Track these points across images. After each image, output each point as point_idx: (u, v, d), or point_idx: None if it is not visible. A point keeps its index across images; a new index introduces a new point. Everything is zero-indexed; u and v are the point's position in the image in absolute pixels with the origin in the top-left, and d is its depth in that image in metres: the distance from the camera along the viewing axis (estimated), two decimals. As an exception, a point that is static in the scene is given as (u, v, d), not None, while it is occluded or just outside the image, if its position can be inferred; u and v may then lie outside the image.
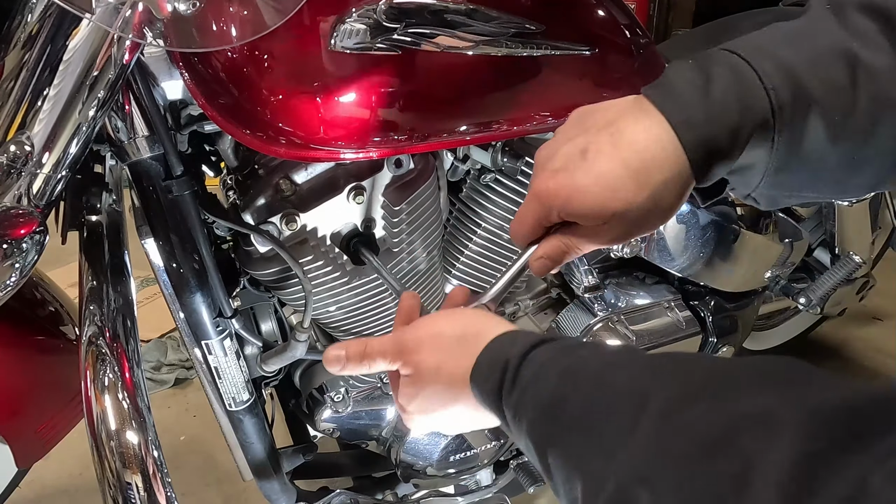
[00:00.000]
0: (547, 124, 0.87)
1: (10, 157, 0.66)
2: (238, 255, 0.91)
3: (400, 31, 0.71)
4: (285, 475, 1.04)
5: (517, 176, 0.95)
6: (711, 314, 1.27)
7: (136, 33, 0.60)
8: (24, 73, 0.64)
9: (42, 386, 1.06)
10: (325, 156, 0.76)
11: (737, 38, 0.51)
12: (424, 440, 1.07)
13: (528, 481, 1.24)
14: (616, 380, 0.41)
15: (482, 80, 0.81)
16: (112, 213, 0.92)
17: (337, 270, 0.88)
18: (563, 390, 0.43)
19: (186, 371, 2.00)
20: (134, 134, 0.77)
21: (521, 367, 0.47)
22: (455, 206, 1.01)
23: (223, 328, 0.88)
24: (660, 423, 0.35)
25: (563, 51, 0.83)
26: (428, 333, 0.56)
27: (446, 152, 0.96)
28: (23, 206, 0.68)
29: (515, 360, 0.48)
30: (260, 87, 0.73)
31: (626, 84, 0.91)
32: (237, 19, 0.63)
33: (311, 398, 1.07)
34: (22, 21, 0.63)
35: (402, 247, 0.91)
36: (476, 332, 0.53)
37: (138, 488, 0.76)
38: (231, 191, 0.90)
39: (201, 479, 1.64)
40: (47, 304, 1.08)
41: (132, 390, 0.79)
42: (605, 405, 0.40)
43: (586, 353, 0.46)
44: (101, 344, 0.80)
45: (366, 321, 0.96)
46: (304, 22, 0.72)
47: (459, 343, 0.53)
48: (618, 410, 0.39)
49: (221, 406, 0.94)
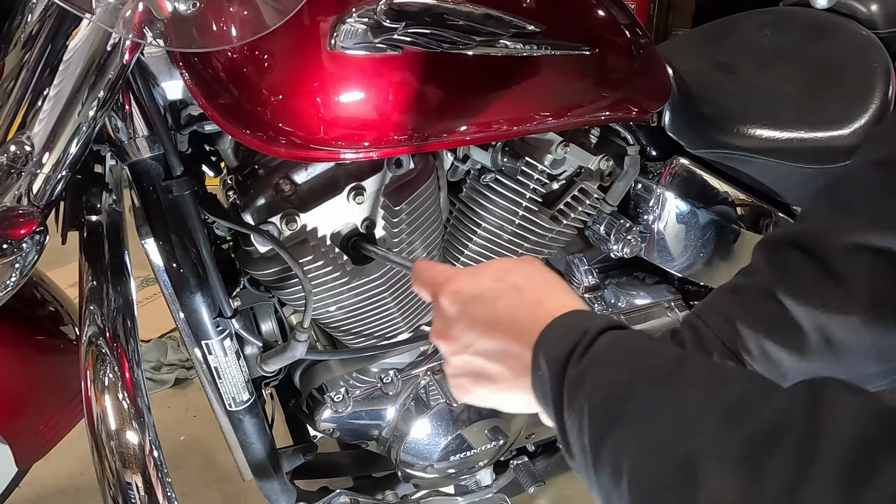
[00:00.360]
0: (547, 124, 0.87)
1: (10, 157, 0.66)
2: (238, 255, 0.91)
3: (400, 31, 0.71)
4: (285, 475, 1.04)
5: (517, 176, 0.95)
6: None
7: (136, 33, 0.60)
8: (24, 73, 0.64)
9: (42, 386, 1.06)
10: (325, 156, 0.76)
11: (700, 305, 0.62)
12: (424, 440, 1.07)
13: (528, 481, 1.24)
14: (694, 363, 0.42)
15: (482, 80, 0.81)
16: (112, 213, 0.92)
17: (337, 270, 0.88)
18: (636, 362, 0.44)
19: (186, 371, 2.00)
20: (134, 134, 0.77)
21: (596, 341, 0.46)
22: (455, 206, 1.01)
23: (223, 328, 0.88)
24: (736, 405, 0.37)
25: (563, 51, 0.83)
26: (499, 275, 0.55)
27: (446, 152, 0.96)
28: (23, 206, 0.68)
29: (594, 332, 0.46)
30: (260, 87, 0.73)
31: (626, 84, 0.91)
32: (237, 19, 0.63)
33: (311, 398, 1.07)
34: (22, 21, 0.63)
35: (402, 247, 0.91)
36: (549, 297, 0.52)
37: (138, 488, 0.76)
38: (231, 191, 0.90)
39: (201, 479, 1.65)
40: (47, 304, 1.08)
41: (132, 390, 0.79)
42: (681, 382, 0.40)
43: (664, 344, 0.47)
44: (101, 344, 0.80)
45: (366, 321, 0.96)
46: (304, 22, 0.72)
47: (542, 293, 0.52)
48: (695, 388, 0.39)
49: (221, 406, 0.94)
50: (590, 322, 0.48)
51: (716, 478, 0.34)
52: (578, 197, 1.00)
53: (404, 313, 0.98)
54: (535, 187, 0.95)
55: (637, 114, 0.93)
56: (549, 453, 1.37)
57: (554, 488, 1.60)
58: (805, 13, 1.25)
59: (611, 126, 1.04)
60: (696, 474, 0.34)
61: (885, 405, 0.32)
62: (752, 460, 0.33)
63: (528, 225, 0.97)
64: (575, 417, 0.44)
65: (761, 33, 1.24)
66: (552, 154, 0.94)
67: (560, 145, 0.94)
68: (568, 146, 0.94)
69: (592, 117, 0.90)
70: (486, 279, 0.54)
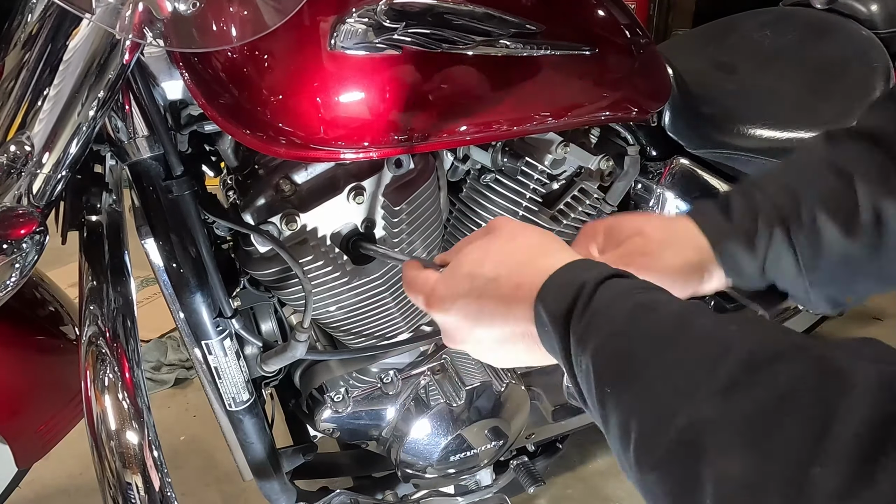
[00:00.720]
0: (547, 124, 0.87)
1: (10, 157, 0.65)
2: (238, 255, 0.91)
3: (400, 31, 0.71)
4: (285, 475, 1.04)
5: (517, 176, 0.95)
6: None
7: (136, 33, 0.60)
8: (24, 73, 0.64)
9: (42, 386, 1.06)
10: (325, 156, 0.76)
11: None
12: (424, 440, 1.07)
13: (528, 481, 1.24)
14: (696, 323, 0.40)
15: (482, 80, 0.81)
16: (112, 213, 0.92)
17: (337, 270, 0.88)
18: (638, 322, 0.42)
19: (186, 371, 2.00)
20: (134, 134, 0.77)
21: (597, 293, 0.45)
22: (455, 206, 1.01)
23: (223, 328, 0.88)
24: (740, 372, 0.35)
25: (563, 51, 0.83)
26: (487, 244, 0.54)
27: (446, 152, 0.96)
28: (23, 206, 0.68)
29: (591, 285, 0.45)
30: (260, 87, 0.73)
31: (626, 84, 0.91)
32: (237, 19, 0.63)
33: (311, 398, 1.07)
34: (22, 21, 0.63)
35: (402, 247, 0.91)
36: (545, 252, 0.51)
37: (138, 488, 0.76)
38: (231, 191, 0.90)
39: (201, 479, 1.64)
40: (47, 304, 1.08)
41: (132, 390, 0.79)
42: (683, 345, 0.39)
43: (663, 296, 0.45)
44: (101, 344, 0.80)
45: (366, 321, 0.96)
46: (304, 22, 0.72)
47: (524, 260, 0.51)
48: (698, 353, 0.38)
49: (221, 406, 0.94)
50: (585, 274, 0.47)
51: (721, 453, 0.33)
52: (578, 197, 1.00)
53: (404, 313, 0.98)
54: (535, 187, 0.95)
55: (637, 114, 0.93)
56: (549, 453, 1.37)
57: (554, 488, 1.60)
58: (805, 13, 1.25)
59: (611, 126, 1.04)
60: (701, 448, 0.33)
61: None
62: (757, 435, 0.32)
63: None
64: (583, 376, 0.44)
65: (761, 33, 1.24)
66: (552, 154, 0.94)
67: (560, 145, 0.94)
68: (568, 146, 0.94)
69: (592, 117, 0.90)
70: (462, 281, 0.53)
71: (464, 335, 0.54)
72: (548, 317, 0.47)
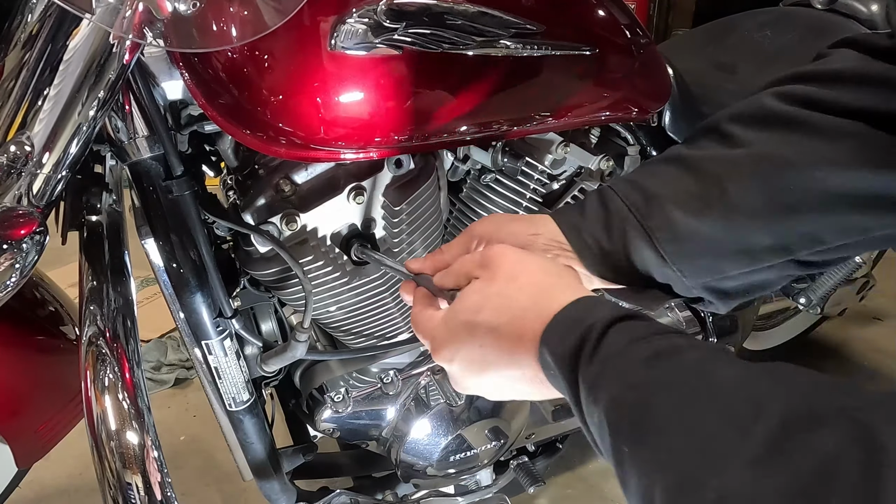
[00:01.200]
0: (547, 124, 0.87)
1: (10, 157, 0.65)
2: (238, 255, 0.91)
3: (400, 31, 0.71)
4: (285, 475, 1.04)
5: (517, 176, 0.95)
6: (711, 314, 1.27)
7: (136, 33, 0.60)
8: (24, 73, 0.64)
9: (42, 386, 1.06)
10: (325, 156, 0.76)
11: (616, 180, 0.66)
12: (424, 440, 1.07)
13: (528, 481, 1.24)
14: (720, 374, 0.37)
15: (482, 81, 0.81)
16: (112, 213, 0.92)
17: (337, 270, 0.88)
18: (656, 374, 0.39)
19: (186, 371, 2.00)
20: (134, 134, 0.77)
21: (606, 337, 0.42)
22: (455, 206, 1.01)
23: (223, 328, 0.88)
24: (774, 439, 0.32)
25: (563, 51, 0.83)
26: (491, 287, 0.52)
27: (446, 152, 0.96)
28: (23, 206, 0.68)
29: (600, 327, 0.42)
30: (260, 87, 0.73)
31: (626, 84, 0.91)
32: (237, 19, 0.63)
33: (311, 398, 1.07)
34: (22, 21, 0.63)
35: (402, 247, 0.91)
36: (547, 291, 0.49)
37: (138, 488, 0.76)
38: (231, 191, 0.90)
39: (201, 479, 1.65)
40: (47, 304, 1.08)
41: (132, 390, 0.79)
42: (707, 400, 0.36)
43: (681, 340, 0.41)
44: (101, 344, 0.80)
45: (366, 321, 0.96)
46: (304, 22, 0.72)
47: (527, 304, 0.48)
48: (725, 412, 0.35)
49: (221, 406, 0.94)
50: (593, 314, 0.44)
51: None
52: (579, 197, 1.00)
53: (404, 313, 0.98)
54: (535, 187, 0.95)
55: (637, 114, 0.93)
56: (549, 453, 1.37)
57: (554, 488, 1.60)
58: (805, 13, 1.25)
59: (611, 126, 1.04)
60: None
61: None
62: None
63: (528, 225, 0.97)
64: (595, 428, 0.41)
65: (761, 33, 1.23)
66: (552, 154, 0.94)
67: (560, 145, 0.94)
68: (568, 146, 0.94)
69: (592, 117, 0.90)
70: (461, 331, 0.51)
71: (468, 383, 0.53)
72: (553, 360, 0.44)
